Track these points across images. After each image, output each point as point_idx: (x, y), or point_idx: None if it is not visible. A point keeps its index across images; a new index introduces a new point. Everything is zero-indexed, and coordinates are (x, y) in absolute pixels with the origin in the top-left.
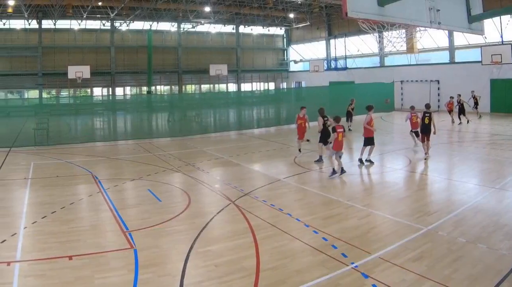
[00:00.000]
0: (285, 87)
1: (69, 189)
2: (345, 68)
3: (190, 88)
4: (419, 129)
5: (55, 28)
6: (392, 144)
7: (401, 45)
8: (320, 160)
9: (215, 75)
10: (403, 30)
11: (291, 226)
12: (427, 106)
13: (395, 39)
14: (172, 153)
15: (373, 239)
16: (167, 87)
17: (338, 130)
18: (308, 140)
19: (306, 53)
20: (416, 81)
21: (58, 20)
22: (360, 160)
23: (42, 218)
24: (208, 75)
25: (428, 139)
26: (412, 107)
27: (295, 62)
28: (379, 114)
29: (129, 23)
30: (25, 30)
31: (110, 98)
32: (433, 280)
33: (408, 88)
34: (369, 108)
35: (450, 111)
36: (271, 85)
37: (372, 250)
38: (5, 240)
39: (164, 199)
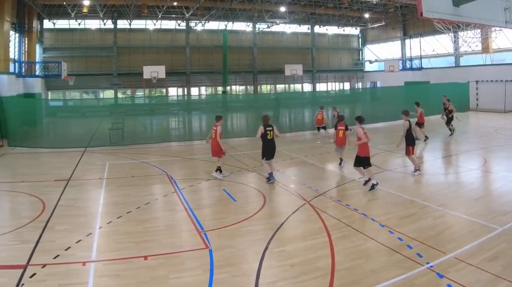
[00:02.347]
0: (360, 87)
1: (144, 189)
2: (420, 68)
3: (265, 88)
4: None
5: (130, 28)
6: (467, 144)
7: (476, 45)
8: (271, 178)
9: (290, 75)
10: (478, 30)
11: (366, 226)
12: (406, 113)
13: (470, 39)
14: (247, 153)
15: (448, 239)
16: (242, 87)
17: (339, 127)
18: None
19: (381, 53)
20: (491, 81)
21: (133, 20)
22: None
23: (117, 218)
24: (283, 75)
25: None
26: (321, 107)
27: (370, 62)
28: (454, 114)
29: (204, 23)
30: (100, 30)
31: (185, 98)
32: (509, 280)
33: (483, 88)
34: (359, 119)
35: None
36: (346, 85)
37: (447, 250)
38: (80, 240)
39: (239, 199)
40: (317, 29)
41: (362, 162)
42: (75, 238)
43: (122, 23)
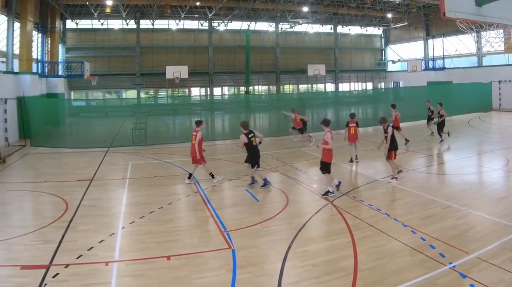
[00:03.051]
0: (383, 87)
1: (167, 189)
2: (443, 68)
3: (288, 88)
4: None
5: (153, 28)
6: (489, 144)
7: (499, 45)
8: (266, 183)
9: (313, 75)
10: (501, 30)
11: (389, 226)
12: (384, 120)
13: (493, 39)
14: (270, 153)
15: (471, 239)
16: (265, 87)
17: (351, 125)
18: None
19: (404, 53)
20: None
21: (156, 20)
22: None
23: (140, 218)
24: (306, 75)
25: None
26: (293, 110)
27: (393, 62)
28: (477, 114)
29: (227, 23)
30: (123, 30)
31: (208, 98)
32: None
33: (506, 88)
34: (325, 123)
35: None
36: (369, 85)
37: (470, 250)
38: (103, 240)
39: (261, 199)
40: (340, 29)
41: (325, 167)
42: (98, 238)
43: (145, 23)
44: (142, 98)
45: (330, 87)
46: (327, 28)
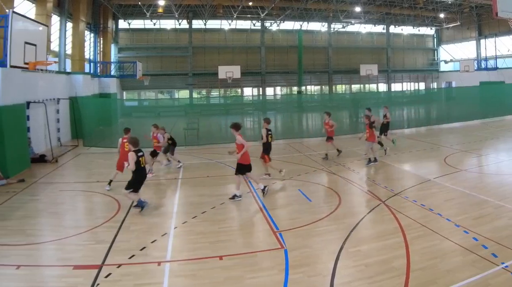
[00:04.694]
0: (435, 87)
1: (219, 189)
2: (495, 69)
3: (341, 88)
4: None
5: (205, 28)
6: None
7: None
8: (141, 204)
9: (365, 75)
10: None
11: (442, 226)
12: (268, 121)
13: None
14: (322, 153)
15: None
16: (317, 87)
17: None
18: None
19: (456, 53)
20: None
21: (209, 20)
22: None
23: (193, 218)
24: (359, 75)
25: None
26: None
27: (445, 62)
28: None
29: (279, 23)
30: (175, 30)
31: (260, 98)
32: None
33: None
34: (236, 127)
35: None
36: (421, 86)
37: None
38: (155, 240)
39: (314, 199)
40: (392, 29)
41: (245, 169)
42: (150, 238)
43: (197, 23)
44: (195, 98)
45: (382, 87)
46: (379, 28)
